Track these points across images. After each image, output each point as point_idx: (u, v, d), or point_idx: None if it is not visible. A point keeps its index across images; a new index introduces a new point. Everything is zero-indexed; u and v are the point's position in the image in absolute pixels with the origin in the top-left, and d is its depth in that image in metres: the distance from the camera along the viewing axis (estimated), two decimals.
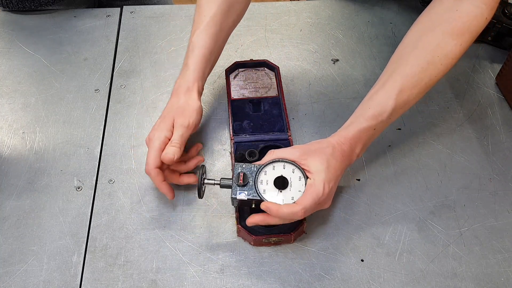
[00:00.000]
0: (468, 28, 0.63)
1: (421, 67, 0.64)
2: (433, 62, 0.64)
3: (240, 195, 0.61)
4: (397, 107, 0.64)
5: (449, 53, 0.64)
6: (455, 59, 0.64)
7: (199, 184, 0.63)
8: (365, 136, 0.65)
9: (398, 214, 0.70)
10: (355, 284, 0.63)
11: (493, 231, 0.68)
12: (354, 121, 0.65)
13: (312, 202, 0.59)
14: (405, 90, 0.64)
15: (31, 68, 0.89)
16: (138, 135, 0.79)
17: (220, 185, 0.64)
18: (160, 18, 0.98)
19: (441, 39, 0.64)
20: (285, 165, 0.63)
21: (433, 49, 0.64)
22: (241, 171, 0.63)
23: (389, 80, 0.64)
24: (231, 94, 0.82)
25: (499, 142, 0.78)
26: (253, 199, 0.61)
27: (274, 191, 0.62)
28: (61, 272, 0.64)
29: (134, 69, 0.89)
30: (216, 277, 0.64)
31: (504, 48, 0.92)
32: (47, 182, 0.73)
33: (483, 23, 0.64)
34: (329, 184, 0.61)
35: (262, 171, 0.63)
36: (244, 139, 0.75)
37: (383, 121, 0.64)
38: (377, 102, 0.64)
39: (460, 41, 0.63)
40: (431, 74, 0.64)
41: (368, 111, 0.64)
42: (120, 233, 0.68)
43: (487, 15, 0.64)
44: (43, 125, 0.80)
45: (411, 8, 1.00)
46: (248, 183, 0.62)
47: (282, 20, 0.98)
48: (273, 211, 0.59)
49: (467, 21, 0.63)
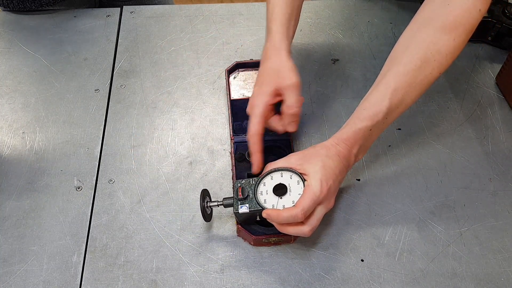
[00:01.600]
0: (460, 22, 0.62)
1: (414, 65, 0.62)
2: (426, 59, 0.62)
3: (241, 209, 0.62)
4: (393, 106, 0.63)
5: (442, 48, 0.62)
6: (449, 54, 0.63)
7: (202, 208, 0.63)
8: (360, 137, 0.64)
9: (398, 214, 0.70)
10: (355, 284, 0.63)
11: (493, 231, 0.68)
12: (349, 123, 0.65)
13: (310, 202, 0.59)
14: (399, 89, 0.62)
15: (31, 68, 0.89)
16: (138, 135, 0.79)
17: (224, 205, 0.64)
18: (160, 18, 0.98)
19: (433, 35, 0.62)
20: (282, 173, 0.63)
21: (426, 46, 0.63)
22: (239, 186, 0.63)
23: (382, 81, 0.64)
24: (231, 94, 0.82)
25: (499, 142, 0.78)
26: (255, 210, 0.61)
27: (274, 199, 0.62)
28: (61, 272, 0.64)
29: (134, 69, 0.89)
30: (216, 277, 0.64)
31: (504, 48, 0.92)
32: (47, 182, 0.73)
33: (478, 16, 0.62)
34: (327, 182, 0.60)
35: (261, 182, 0.63)
36: (244, 139, 0.75)
37: (379, 121, 0.63)
38: (371, 103, 0.63)
39: (453, 35, 0.62)
40: (426, 72, 0.63)
41: (363, 112, 0.64)
42: (120, 233, 0.68)
43: (480, 7, 0.62)
44: (43, 125, 0.80)
45: (411, 8, 1.00)
46: (248, 196, 0.62)
47: None
48: (273, 217, 0.59)
49: (459, 15, 0.62)
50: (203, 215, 0.64)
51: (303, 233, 0.60)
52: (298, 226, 0.60)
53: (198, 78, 0.87)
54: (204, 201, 0.64)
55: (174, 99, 0.84)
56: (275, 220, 0.59)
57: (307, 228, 0.59)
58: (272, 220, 0.60)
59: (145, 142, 0.78)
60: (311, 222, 0.60)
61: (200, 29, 0.96)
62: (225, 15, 0.99)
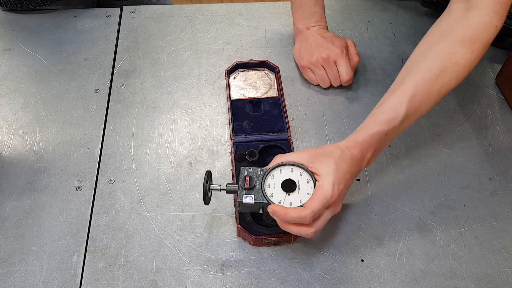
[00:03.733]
0: (478, 36, 0.64)
1: (433, 73, 0.63)
2: (444, 69, 0.63)
3: (246, 199, 0.60)
4: (409, 113, 0.63)
5: (460, 60, 0.63)
6: (467, 66, 0.64)
7: (204, 191, 0.62)
8: (376, 141, 0.63)
9: (398, 214, 0.70)
10: (355, 284, 0.63)
11: (493, 231, 0.68)
12: (364, 126, 0.64)
13: (320, 205, 0.57)
14: (417, 96, 0.63)
15: (31, 68, 0.89)
16: (138, 135, 0.79)
17: (226, 191, 0.62)
18: (160, 18, 0.98)
19: (452, 47, 0.64)
20: (292, 169, 0.61)
21: (444, 56, 0.64)
22: (247, 174, 0.61)
23: (400, 87, 0.64)
24: (231, 94, 0.82)
25: (499, 142, 0.78)
26: (260, 203, 0.60)
27: (281, 194, 0.60)
28: (61, 272, 0.64)
29: (134, 69, 0.89)
30: (216, 277, 0.64)
31: (504, 48, 0.92)
32: (47, 182, 0.73)
33: (494, 31, 0.64)
34: (339, 186, 0.59)
35: (269, 174, 0.61)
36: (244, 139, 0.75)
37: (395, 127, 0.63)
38: (389, 108, 0.63)
39: (471, 49, 0.64)
40: (443, 81, 0.64)
41: (380, 116, 0.63)
42: (120, 233, 0.68)
43: (496, 23, 0.64)
44: (43, 125, 0.80)
45: (411, 8, 1.00)
46: (254, 186, 0.60)
47: (282, 20, 0.98)
48: (280, 215, 0.58)
49: (477, 29, 0.63)
50: (204, 198, 0.62)
51: (306, 234, 0.58)
52: (302, 227, 0.58)
53: (198, 78, 0.87)
54: (207, 183, 0.62)
55: (174, 99, 0.84)
56: (282, 218, 0.58)
57: (311, 230, 0.58)
58: (277, 217, 0.58)
59: (145, 142, 0.78)
60: (316, 224, 0.58)
61: (200, 29, 0.96)
62: (225, 15, 0.99)
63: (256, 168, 0.62)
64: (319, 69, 0.83)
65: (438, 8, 0.95)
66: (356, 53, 0.85)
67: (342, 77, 0.82)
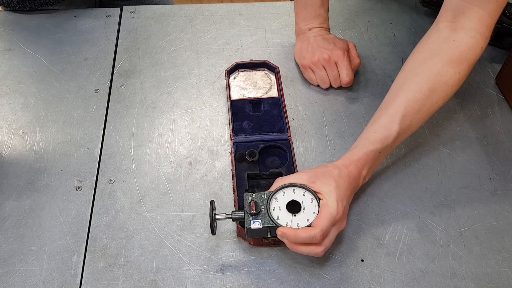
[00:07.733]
0: (465, 58, 0.66)
1: (423, 93, 0.65)
2: (434, 89, 0.66)
3: (254, 224, 0.60)
4: (401, 131, 0.65)
5: (449, 80, 0.66)
6: (454, 86, 0.67)
7: (211, 221, 0.62)
8: (371, 159, 0.65)
9: (398, 214, 0.70)
10: (355, 284, 0.63)
11: (493, 231, 0.68)
12: (359, 144, 0.66)
13: (328, 222, 0.58)
14: (408, 115, 0.65)
15: (31, 68, 0.89)
16: (138, 135, 0.79)
17: (232, 219, 0.62)
18: (160, 18, 0.98)
19: (441, 68, 0.66)
20: (295, 190, 0.62)
21: (434, 76, 0.66)
22: (251, 200, 0.61)
23: (392, 105, 0.66)
24: (231, 94, 0.82)
25: (499, 142, 0.78)
26: (268, 227, 0.60)
27: (288, 216, 0.60)
28: (61, 272, 0.64)
29: (134, 69, 0.89)
30: (216, 277, 0.64)
31: (504, 48, 0.92)
32: (47, 182, 0.73)
33: (479, 53, 0.67)
34: (342, 202, 0.60)
35: (273, 197, 0.62)
36: (244, 139, 0.75)
37: (388, 145, 0.65)
38: (381, 126, 0.65)
39: (458, 69, 0.66)
40: (433, 101, 0.66)
41: (374, 134, 0.65)
42: (120, 233, 0.68)
43: (482, 44, 0.67)
44: (43, 125, 0.80)
45: (411, 8, 1.01)
46: (260, 211, 0.61)
47: (282, 20, 0.98)
48: (291, 237, 0.58)
49: (464, 51, 0.66)
50: (211, 228, 0.62)
51: (316, 253, 0.59)
52: (311, 246, 0.59)
53: (198, 79, 0.88)
54: (213, 213, 0.62)
55: (174, 99, 0.84)
56: (292, 240, 0.58)
57: (320, 249, 0.59)
58: (287, 239, 0.59)
59: (145, 142, 0.78)
60: (325, 242, 0.59)
61: (200, 29, 0.96)
62: (225, 15, 0.99)
63: (259, 193, 0.62)
64: (320, 69, 0.83)
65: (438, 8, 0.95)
66: (357, 56, 0.85)
67: (343, 78, 0.83)
